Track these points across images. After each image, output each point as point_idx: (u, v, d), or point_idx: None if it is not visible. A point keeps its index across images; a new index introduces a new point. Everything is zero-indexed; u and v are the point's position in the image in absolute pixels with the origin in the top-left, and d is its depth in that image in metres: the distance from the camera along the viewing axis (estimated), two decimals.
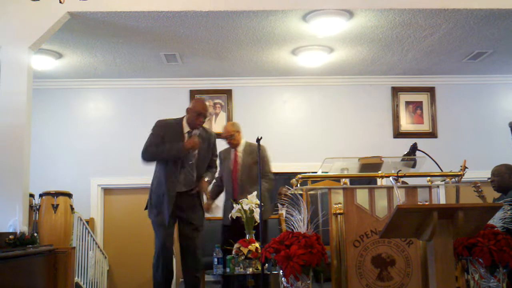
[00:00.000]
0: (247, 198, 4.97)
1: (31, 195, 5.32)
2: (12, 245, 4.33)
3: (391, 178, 4.16)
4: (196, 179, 4.87)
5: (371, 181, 5.90)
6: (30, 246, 4.48)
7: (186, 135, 4.82)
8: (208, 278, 6.19)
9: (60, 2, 4.00)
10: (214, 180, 5.41)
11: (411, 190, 4.28)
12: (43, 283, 4.60)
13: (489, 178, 5.36)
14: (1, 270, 3.72)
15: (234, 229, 5.25)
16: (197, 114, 4.79)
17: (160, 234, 4.75)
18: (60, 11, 5.32)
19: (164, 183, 4.74)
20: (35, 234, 4.86)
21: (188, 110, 4.88)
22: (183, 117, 4.91)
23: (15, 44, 5.33)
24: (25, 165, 5.25)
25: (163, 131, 4.81)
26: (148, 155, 4.81)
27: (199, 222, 4.89)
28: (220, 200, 5.76)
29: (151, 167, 4.97)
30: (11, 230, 4.68)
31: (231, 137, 5.63)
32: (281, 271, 3.91)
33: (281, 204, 6.69)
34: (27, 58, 5.36)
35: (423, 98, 8.18)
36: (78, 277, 6.13)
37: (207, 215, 5.19)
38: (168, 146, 4.74)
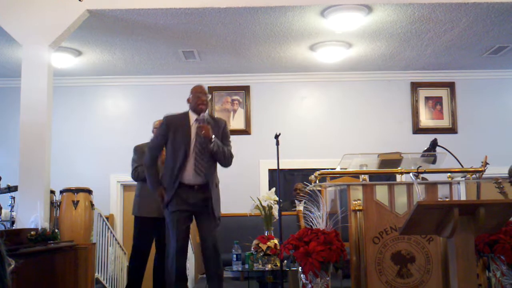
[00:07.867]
0: None
1: (52, 192, 5.38)
2: (34, 241, 4.37)
3: (411, 174, 4.13)
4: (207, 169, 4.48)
5: (391, 177, 5.88)
6: (51, 242, 4.52)
7: (193, 125, 4.56)
8: (226, 274, 6.19)
9: (79, 0, 4.05)
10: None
11: (431, 186, 4.24)
12: (64, 279, 4.64)
13: (510, 180, 5.26)
14: (23, 265, 3.76)
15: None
16: (196, 97, 4.60)
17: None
18: (79, 9, 5.35)
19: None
20: (56, 230, 4.91)
21: (188, 100, 4.71)
22: (188, 110, 4.70)
23: (36, 42, 5.38)
24: (46, 162, 5.31)
25: (170, 127, 4.63)
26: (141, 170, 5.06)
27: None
28: None
29: None
30: (32, 226, 4.73)
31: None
32: (300, 267, 3.91)
33: (298, 200, 6.70)
34: (47, 56, 5.40)
35: (443, 93, 8.09)
36: (98, 273, 6.19)
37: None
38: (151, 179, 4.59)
